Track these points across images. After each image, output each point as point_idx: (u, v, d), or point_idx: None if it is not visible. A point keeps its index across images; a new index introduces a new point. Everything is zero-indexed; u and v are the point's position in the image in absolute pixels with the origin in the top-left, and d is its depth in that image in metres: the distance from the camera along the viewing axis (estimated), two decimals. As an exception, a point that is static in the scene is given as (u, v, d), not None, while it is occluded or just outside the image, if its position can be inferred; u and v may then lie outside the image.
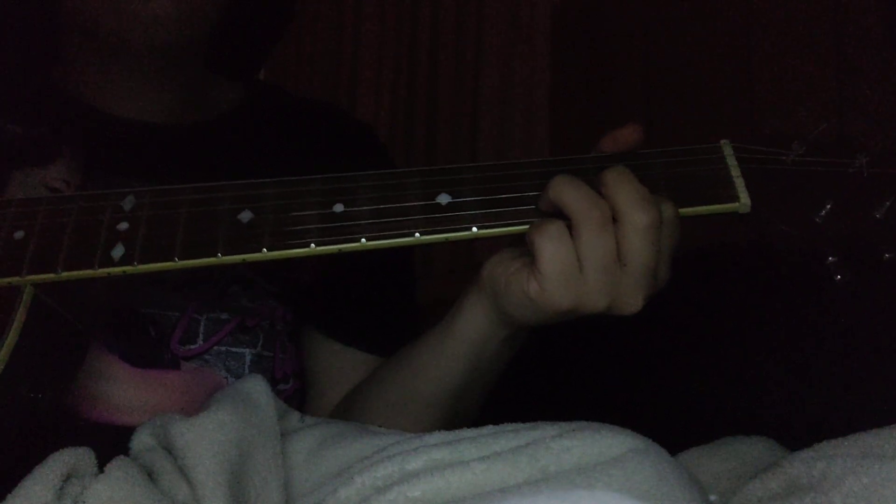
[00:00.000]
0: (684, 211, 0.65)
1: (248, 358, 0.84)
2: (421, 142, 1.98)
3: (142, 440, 0.63)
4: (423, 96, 2.00)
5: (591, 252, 0.62)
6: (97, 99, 0.86)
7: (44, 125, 0.77)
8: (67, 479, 0.56)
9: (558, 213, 0.64)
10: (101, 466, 0.59)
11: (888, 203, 0.64)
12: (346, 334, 0.92)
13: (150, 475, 0.60)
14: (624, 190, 0.63)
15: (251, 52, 1.02)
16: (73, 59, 0.87)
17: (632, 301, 0.64)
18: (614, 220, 0.63)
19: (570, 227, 0.63)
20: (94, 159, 0.77)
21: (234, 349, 0.83)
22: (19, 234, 0.65)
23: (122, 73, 0.85)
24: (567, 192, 0.63)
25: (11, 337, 0.60)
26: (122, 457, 0.59)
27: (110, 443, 0.62)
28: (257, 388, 0.68)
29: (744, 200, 0.66)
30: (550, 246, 0.62)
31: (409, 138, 1.99)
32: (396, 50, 2.05)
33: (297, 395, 0.90)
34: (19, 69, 0.86)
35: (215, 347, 0.82)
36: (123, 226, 0.65)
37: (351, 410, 0.85)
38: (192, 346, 0.81)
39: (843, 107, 1.28)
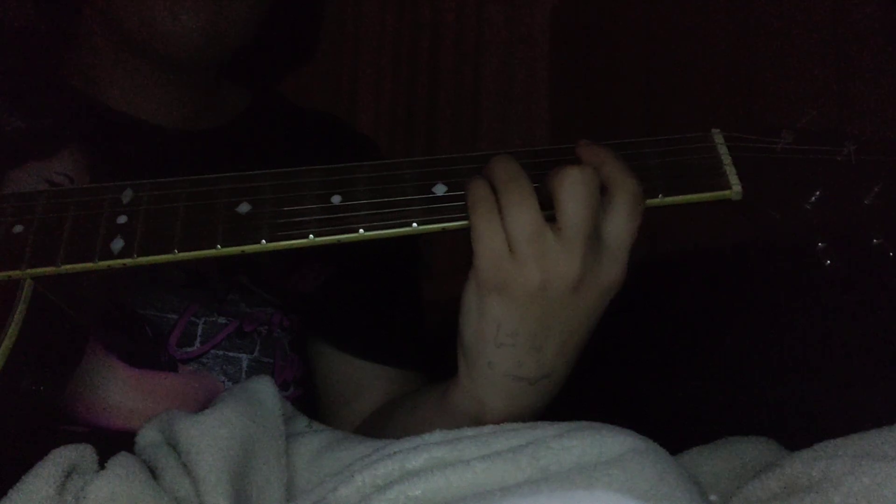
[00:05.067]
0: (679, 199, 0.66)
1: (244, 363, 0.84)
2: (421, 142, 1.98)
3: (148, 435, 0.63)
4: (423, 96, 2.00)
5: (514, 223, 0.62)
6: (109, 96, 0.86)
7: (48, 118, 0.77)
8: (69, 475, 0.56)
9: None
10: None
11: (876, 189, 0.65)
12: (357, 346, 0.91)
13: (154, 471, 0.60)
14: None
15: (274, 70, 1.02)
16: (88, 54, 0.86)
17: (566, 266, 0.62)
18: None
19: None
20: (100, 157, 0.77)
21: (231, 354, 0.83)
22: (18, 228, 0.65)
23: (139, 74, 0.85)
24: (493, 168, 0.63)
25: (13, 330, 0.60)
26: (124, 453, 0.60)
27: (107, 448, 0.61)
28: (264, 388, 0.68)
29: (736, 188, 0.66)
30: (479, 222, 0.63)
31: (409, 138, 1.99)
32: (396, 51, 2.04)
33: (299, 402, 0.89)
34: (29, 61, 0.86)
35: (212, 351, 0.82)
36: (122, 219, 0.65)
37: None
38: (190, 349, 0.81)
39: (843, 107, 1.28)
